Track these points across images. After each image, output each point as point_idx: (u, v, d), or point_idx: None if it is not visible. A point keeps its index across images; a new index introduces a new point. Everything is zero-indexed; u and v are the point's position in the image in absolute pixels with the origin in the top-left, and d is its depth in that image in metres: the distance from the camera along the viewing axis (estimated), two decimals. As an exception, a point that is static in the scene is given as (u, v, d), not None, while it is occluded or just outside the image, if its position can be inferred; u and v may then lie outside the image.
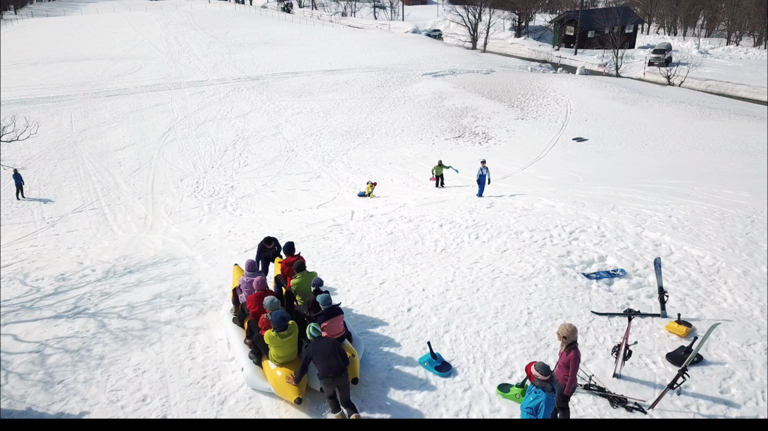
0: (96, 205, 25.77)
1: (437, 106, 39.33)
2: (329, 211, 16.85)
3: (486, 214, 13.93)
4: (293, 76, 49.54)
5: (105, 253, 13.21)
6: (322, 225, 14.08)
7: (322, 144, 33.77)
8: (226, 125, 37.33)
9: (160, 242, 14.09)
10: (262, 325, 7.66)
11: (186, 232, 15.97)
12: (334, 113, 39.37)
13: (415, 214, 14.31)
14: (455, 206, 14.94)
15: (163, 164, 30.89)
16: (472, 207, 14.65)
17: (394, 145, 33.08)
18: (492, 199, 16.32)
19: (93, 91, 45.91)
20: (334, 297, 9.45)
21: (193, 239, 14.06)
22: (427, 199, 17.52)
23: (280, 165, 30.58)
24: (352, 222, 13.78)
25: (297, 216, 16.89)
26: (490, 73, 48.72)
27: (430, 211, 14.68)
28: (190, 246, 13.57)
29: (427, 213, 14.30)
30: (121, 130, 36.59)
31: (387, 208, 15.38)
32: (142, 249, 13.38)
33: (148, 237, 15.35)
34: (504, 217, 13.36)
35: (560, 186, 19.85)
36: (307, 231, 13.75)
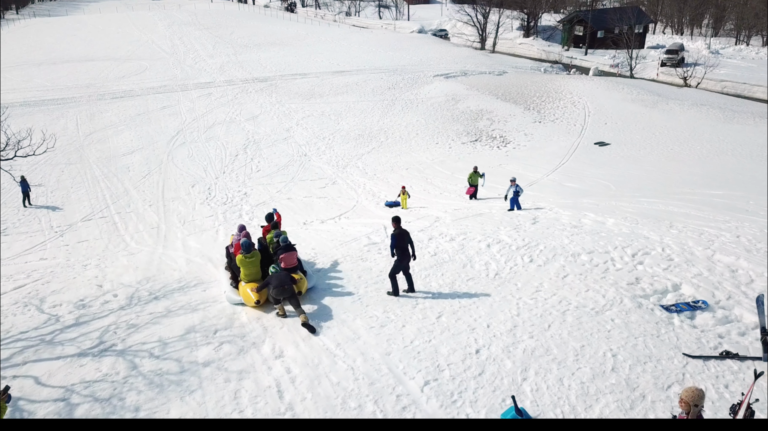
0: (106, 213, 24.85)
1: (451, 109, 38.39)
2: (358, 224, 15.87)
3: (533, 231, 12.98)
4: (302, 78, 48.59)
5: (125, 274, 12.28)
6: (357, 244, 13.13)
7: (335, 148, 32.84)
8: (235, 128, 36.40)
9: (183, 262, 13.14)
10: (235, 251, 10.96)
11: (208, 247, 15.10)
12: (346, 116, 38.44)
13: (455, 230, 13.35)
14: (497, 222, 14.01)
15: (173, 169, 29.96)
16: (517, 223, 13.72)
17: (409, 150, 32.15)
18: (533, 212, 15.38)
19: (98, 92, 44.97)
20: (385, 329, 8.67)
21: (218, 258, 13.11)
22: (460, 211, 16.59)
23: (294, 170, 29.65)
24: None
25: (323, 230, 15.91)
26: (502, 74, 47.77)
27: (470, 227, 13.74)
28: (217, 266, 12.63)
29: (469, 230, 13.36)
30: (128, 133, 35.66)
31: (421, 223, 14.46)
32: (165, 270, 12.44)
33: (168, 253, 14.41)
34: (554, 236, 12.43)
35: (595, 196, 18.93)
36: (342, 250, 12.80)
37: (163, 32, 73.55)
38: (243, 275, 10.50)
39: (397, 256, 10.07)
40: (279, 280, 9.71)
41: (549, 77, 46.20)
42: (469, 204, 19.97)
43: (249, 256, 10.48)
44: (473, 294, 9.83)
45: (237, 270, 10.79)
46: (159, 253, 14.82)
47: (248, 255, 10.47)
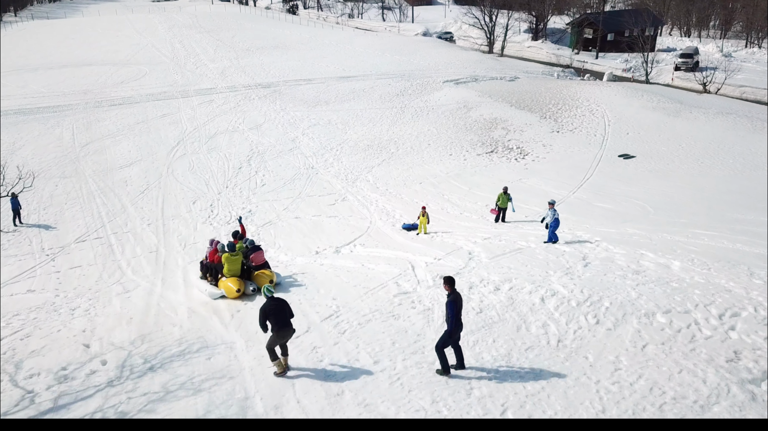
0: (101, 233, 23.29)
1: (463, 117, 36.81)
2: (380, 259, 14.11)
3: (589, 278, 11.30)
4: (306, 83, 47.04)
5: (117, 329, 10.66)
6: (386, 293, 11.47)
7: (343, 160, 31.27)
8: (238, 138, 34.83)
9: (185, 312, 11.50)
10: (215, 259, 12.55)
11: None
12: (353, 125, 36.87)
13: (497, 275, 11.68)
14: (542, 262, 12.35)
15: (173, 183, 28.40)
16: (566, 265, 12.09)
17: (421, 161, 30.56)
18: (578, 248, 13.68)
19: (96, 99, 43.44)
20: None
21: (225, 309, 11.44)
22: (493, 243, 14.99)
23: (301, 185, 28.08)
24: (421, 287, 11.22)
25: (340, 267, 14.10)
26: (514, 80, 46.18)
27: (513, 269, 12.07)
28: (223, 321, 10.93)
29: (513, 274, 11.70)
30: (126, 143, 34.10)
31: (454, 261, 12.82)
32: (163, 325, 10.78)
33: (167, 296, 12.79)
34: (616, 286, 10.78)
35: (637, 223, 17.30)
36: (369, 303, 11.11)
37: (163, 35, 72.06)
38: (226, 270, 12.66)
39: (450, 326, 8.49)
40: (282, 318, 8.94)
41: (563, 83, 44.61)
42: (496, 229, 18.34)
43: (234, 254, 12.77)
44: (538, 373, 8.13)
45: (217, 271, 12.92)
46: (157, 295, 13.22)
47: (233, 253, 12.76)
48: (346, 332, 9.91)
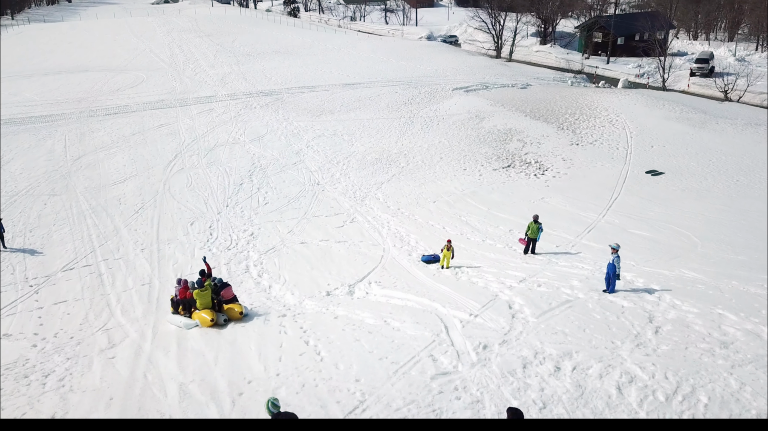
0: (91, 259, 21.47)
1: (476, 128, 34.99)
2: (407, 318, 11.90)
3: (667, 352, 9.33)
4: (310, 91, 45.24)
5: (93, 413, 8.79)
6: (421, 374, 9.38)
7: (350, 175, 29.43)
8: (239, 151, 33.02)
9: (175, 391, 9.58)
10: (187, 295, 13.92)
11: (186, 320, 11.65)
12: (360, 136, 35.05)
13: (552, 346, 9.64)
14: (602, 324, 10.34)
15: (170, 202, 26.57)
16: (634, 330, 10.13)
17: (434, 177, 28.73)
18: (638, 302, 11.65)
19: (91, 108, 41.66)
20: None
21: (224, 391, 9.42)
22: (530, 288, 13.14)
23: (306, 203, 26.24)
24: (462, 364, 9.25)
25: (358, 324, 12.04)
26: (526, 87, 44.38)
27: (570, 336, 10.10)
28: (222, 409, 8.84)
29: (573, 345, 9.70)
30: (121, 156, 32.30)
31: (494, 320, 10.89)
32: (148, 410, 8.84)
33: (156, 361, 10.89)
34: (705, 366, 8.79)
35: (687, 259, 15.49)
36: (401, 388, 8.98)
37: (161, 40, 70.29)
38: (199, 305, 13.92)
39: None
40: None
41: (578, 91, 42.78)
42: (528, 263, 16.49)
43: (203, 290, 13.99)
44: None
45: (191, 305, 14.14)
46: (145, 357, 11.35)
47: (202, 289, 13.99)
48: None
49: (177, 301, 14.49)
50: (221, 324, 13.62)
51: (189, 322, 13.80)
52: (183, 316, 14.16)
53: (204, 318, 13.52)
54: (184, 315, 14.20)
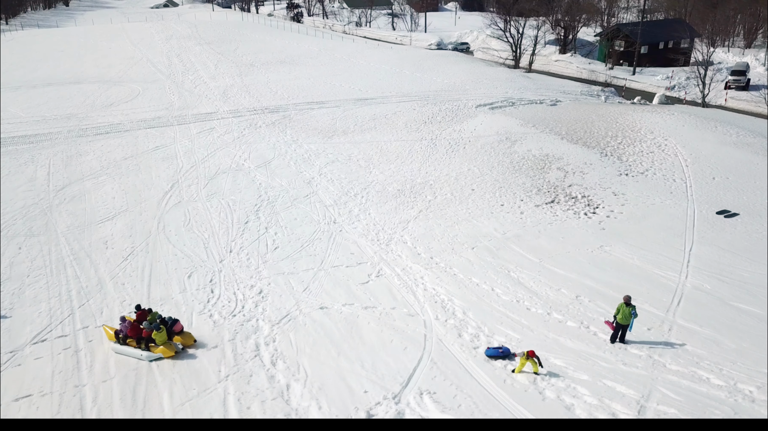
0: (68, 328, 17.88)
1: (508, 153, 31.34)
2: None
3: None
4: (319, 107, 41.62)
5: None
6: None
7: (370, 211, 25.76)
8: (244, 180, 29.38)
9: None
10: (144, 333, 15.66)
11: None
12: (378, 162, 31.41)
13: None
14: None
15: (165, 246, 22.91)
16: None
17: (467, 214, 25.06)
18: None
19: (80, 126, 38.06)
20: None
21: None
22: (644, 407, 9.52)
23: (323, 249, 22.56)
24: None
25: None
26: (556, 104, 40.77)
27: None
28: None
29: None
30: (110, 186, 28.66)
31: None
32: None
33: None
34: None
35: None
36: None
37: (160, 48, 66.78)
38: (159, 341, 15.70)
39: None
40: None
41: (614, 109, 39.13)
42: (627, 365, 12.81)
43: (159, 331, 15.67)
44: None
45: (149, 341, 15.81)
46: None
47: (159, 331, 15.66)
48: None
49: (124, 336, 16.05)
50: (179, 352, 15.76)
51: (151, 355, 15.66)
52: (141, 349, 15.79)
53: (167, 351, 15.62)
54: (141, 348, 15.79)
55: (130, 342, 15.99)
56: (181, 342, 15.98)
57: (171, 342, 15.86)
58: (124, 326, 16.06)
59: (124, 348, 15.97)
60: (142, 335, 15.82)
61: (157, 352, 15.63)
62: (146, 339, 15.79)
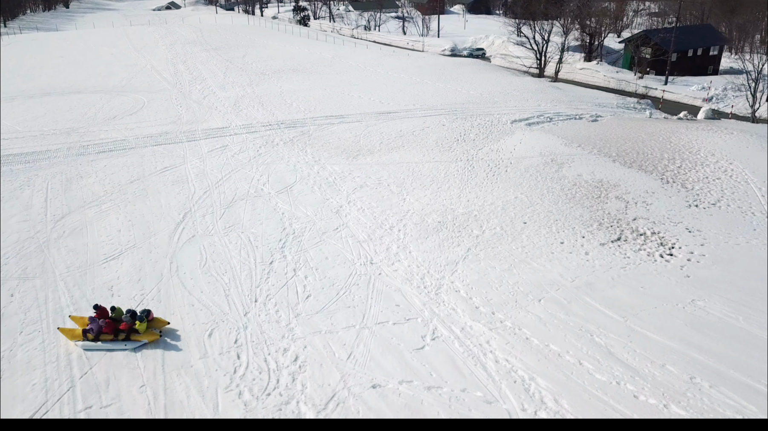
0: (67, 405, 14.91)
1: (556, 178, 28.27)
2: None
3: None
4: (339, 122, 38.55)
5: None
6: None
7: (410, 249, 22.66)
8: (264, 208, 26.29)
9: None
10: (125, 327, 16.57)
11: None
12: (411, 187, 28.33)
13: None
14: None
15: (179, 293, 19.82)
16: None
17: (524, 254, 21.96)
18: None
19: (81, 143, 34.97)
20: None
21: None
22: None
23: (362, 298, 19.47)
24: None
25: None
26: (596, 119, 37.72)
27: None
28: None
29: None
30: (115, 216, 25.57)
31: None
32: None
33: None
34: None
35: None
36: None
37: (164, 54, 63.74)
38: (142, 330, 16.80)
39: None
40: None
41: (662, 125, 36.08)
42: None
43: (143, 322, 16.90)
44: None
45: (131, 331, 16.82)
46: None
47: (143, 322, 16.89)
48: None
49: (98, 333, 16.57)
50: (160, 337, 16.97)
51: (135, 343, 16.69)
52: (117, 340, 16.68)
53: (152, 335, 16.81)
54: (120, 339, 16.70)
55: (104, 338, 16.78)
56: (158, 327, 17.42)
57: (151, 329, 17.20)
58: (98, 324, 16.66)
59: (100, 344, 16.75)
60: (121, 328, 16.75)
61: (140, 339, 16.85)
62: (128, 331, 16.80)
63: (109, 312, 17.36)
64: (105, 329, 16.62)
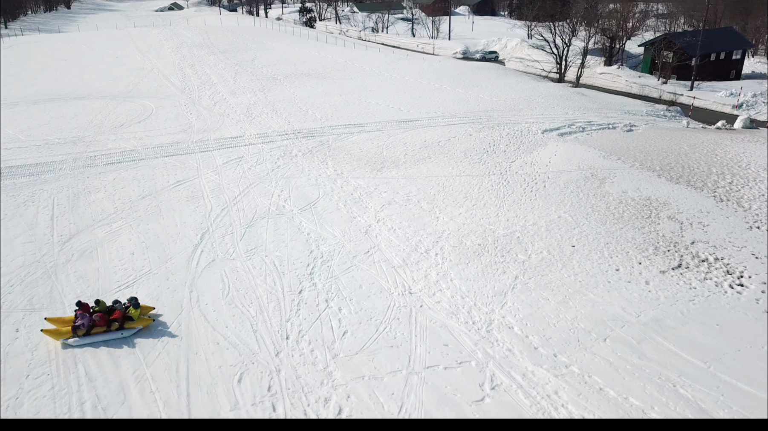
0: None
1: (600, 195, 26.38)
2: None
3: None
4: (359, 131, 36.66)
5: None
6: None
7: (451, 275, 20.77)
8: (288, 228, 24.40)
9: None
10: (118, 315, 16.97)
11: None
12: (444, 203, 26.44)
13: None
14: None
15: (202, 328, 17.95)
16: None
17: (577, 284, 20.07)
18: None
19: (88, 153, 33.09)
20: None
21: None
22: None
23: (405, 335, 17.58)
24: None
25: None
26: (631, 129, 35.86)
27: None
28: None
29: None
30: (127, 237, 23.67)
31: None
32: None
33: None
34: None
35: None
36: None
37: (170, 57, 61.85)
38: (136, 316, 17.19)
39: None
40: None
41: (703, 136, 34.20)
42: None
43: (137, 308, 17.31)
44: None
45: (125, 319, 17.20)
46: None
47: (137, 308, 17.29)
48: None
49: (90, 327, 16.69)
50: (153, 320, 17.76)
51: (130, 330, 17.12)
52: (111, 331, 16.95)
53: (146, 321, 17.40)
54: (114, 329, 16.99)
55: (96, 331, 16.95)
56: (144, 313, 17.83)
57: (143, 316, 17.63)
58: (90, 319, 16.82)
59: (95, 337, 16.90)
60: (115, 317, 17.07)
61: (135, 326, 17.20)
62: (122, 320, 17.14)
63: (95, 306, 17.53)
64: (99, 323, 16.92)
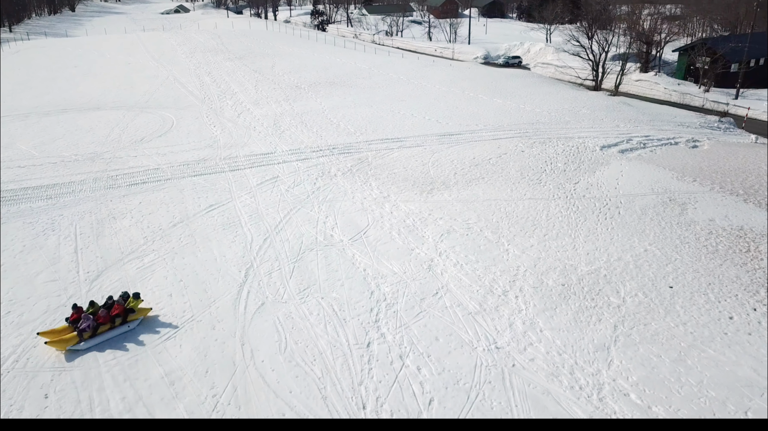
0: None
1: (684, 224, 23.71)
2: None
3: None
4: (399, 147, 34.02)
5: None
6: None
7: (541, 326, 18.15)
8: (341, 262, 21.75)
9: None
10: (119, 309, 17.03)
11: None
12: (511, 233, 23.77)
13: None
14: None
15: (263, 395, 15.34)
16: None
17: (689, 336, 17.46)
18: None
19: (108, 172, 30.50)
20: None
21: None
22: None
23: (502, 406, 15.11)
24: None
25: None
26: (695, 145, 33.20)
27: None
28: None
29: None
30: (161, 273, 21.04)
31: None
32: None
33: None
34: None
35: None
36: None
37: (185, 63, 59.25)
38: (137, 307, 17.59)
39: None
40: None
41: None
42: None
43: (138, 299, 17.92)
44: None
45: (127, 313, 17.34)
46: None
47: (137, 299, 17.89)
48: None
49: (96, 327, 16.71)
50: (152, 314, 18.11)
51: (134, 322, 17.45)
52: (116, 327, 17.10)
53: (146, 310, 17.89)
54: (119, 324, 17.17)
55: (101, 330, 16.92)
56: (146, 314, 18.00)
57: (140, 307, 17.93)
58: (93, 320, 16.76)
59: (102, 336, 16.92)
60: (117, 312, 17.10)
61: (137, 317, 17.57)
62: (124, 313, 17.25)
63: (90, 308, 17.53)
64: (102, 320, 16.93)
